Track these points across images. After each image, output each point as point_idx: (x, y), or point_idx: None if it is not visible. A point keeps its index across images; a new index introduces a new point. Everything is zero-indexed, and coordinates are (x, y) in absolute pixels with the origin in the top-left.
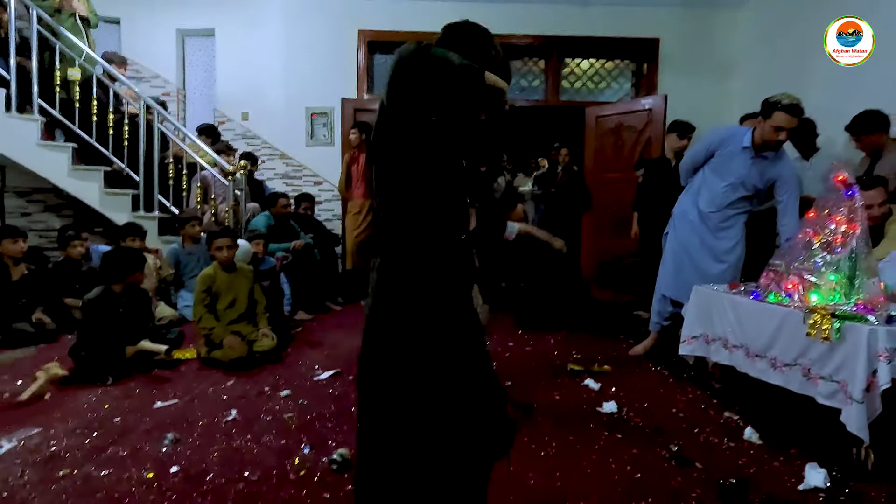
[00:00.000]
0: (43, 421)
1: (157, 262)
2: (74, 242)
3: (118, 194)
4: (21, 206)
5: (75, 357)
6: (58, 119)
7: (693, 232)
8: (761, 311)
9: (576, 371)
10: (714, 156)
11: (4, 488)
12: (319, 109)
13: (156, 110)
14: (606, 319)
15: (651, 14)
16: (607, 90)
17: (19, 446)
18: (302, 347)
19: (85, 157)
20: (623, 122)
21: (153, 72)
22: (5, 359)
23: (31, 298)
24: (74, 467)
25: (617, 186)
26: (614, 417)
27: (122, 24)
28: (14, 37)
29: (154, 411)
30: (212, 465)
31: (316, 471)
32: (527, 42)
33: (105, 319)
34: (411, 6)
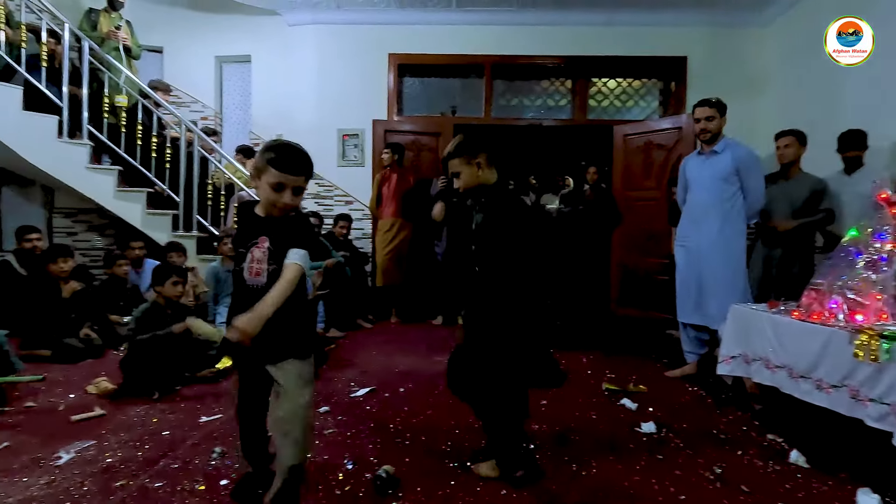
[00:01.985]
0: (97, 434)
1: (193, 280)
2: (120, 261)
3: (159, 214)
4: (68, 225)
5: (125, 370)
6: (105, 143)
7: (691, 250)
8: (804, 331)
9: (611, 390)
10: (688, 181)
11: (67, 498)
12: (350, 131)
13: (196, 134)
14: (637, 338)
15: (678, 33)
16: (635, 108)
17: (77, 458)
18: (336, 364)
19: (129, 179)
20: (652, 140)
21: (193, 97)
22: (14, 380)
23: (79, 315)
24: (130, 479)
25: (646, 204)
26: (654, 438)
27: (165, 52)
28: (67, 66)
29: (200, 425)
30: None
31: (360, 487)
32: (554, 63)
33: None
34: (439, 30)
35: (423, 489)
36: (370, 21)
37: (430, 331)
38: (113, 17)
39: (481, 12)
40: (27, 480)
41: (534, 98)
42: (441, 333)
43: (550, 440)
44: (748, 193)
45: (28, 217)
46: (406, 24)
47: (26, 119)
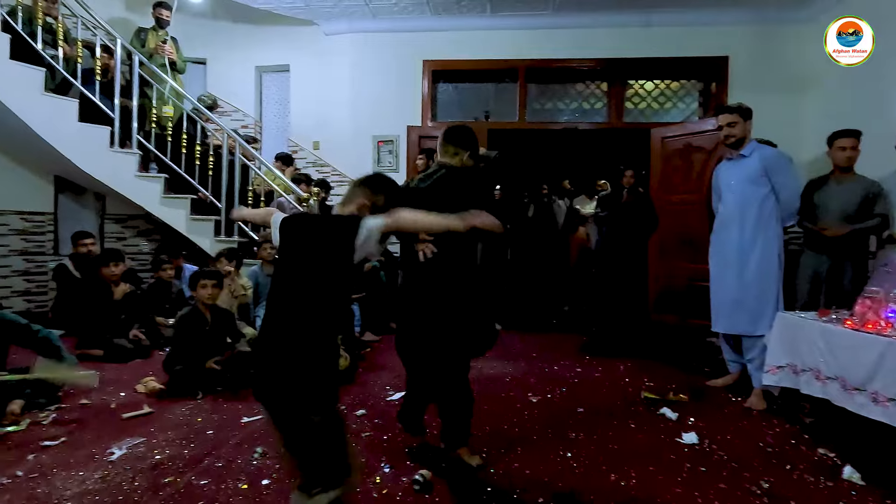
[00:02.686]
0: (145, 431)
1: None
2: (165, 266)
3: (203, 220)
4: (118, 231)
5: (169, 370)
6: (152, 152)
7: (723, 256)
8: (859, 341)
9: (650, 399)
10: (720, 187)
11: (120, 493)
12: (386, 137)
13: (238, 142)
14: (677, 346)
15: (718, 32)
16: (673, 110)
17: (128, 454)
18: (372, 368)
19: (174, 186)
20: (691, 142)
21: (234, 106)
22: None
23: (128, 316)
24: (177, 476)
25: (686, 208)
26: (696, 449)
27: (208, 64)
28: (119, 80)
29: (241, 426)
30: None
31: (398, 490)
32: (589, 66)
33: (194, 335)
34: (473, 35)
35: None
36: (404, 28)
37: None
38: (160, 34)
39: (515, 17)
40: (83, 474)
41: (568, 101)
42: None
43: (588, 448)
44: (780, 192)
45: (82, 223)
46: (440, 31)
47: (81, 130)
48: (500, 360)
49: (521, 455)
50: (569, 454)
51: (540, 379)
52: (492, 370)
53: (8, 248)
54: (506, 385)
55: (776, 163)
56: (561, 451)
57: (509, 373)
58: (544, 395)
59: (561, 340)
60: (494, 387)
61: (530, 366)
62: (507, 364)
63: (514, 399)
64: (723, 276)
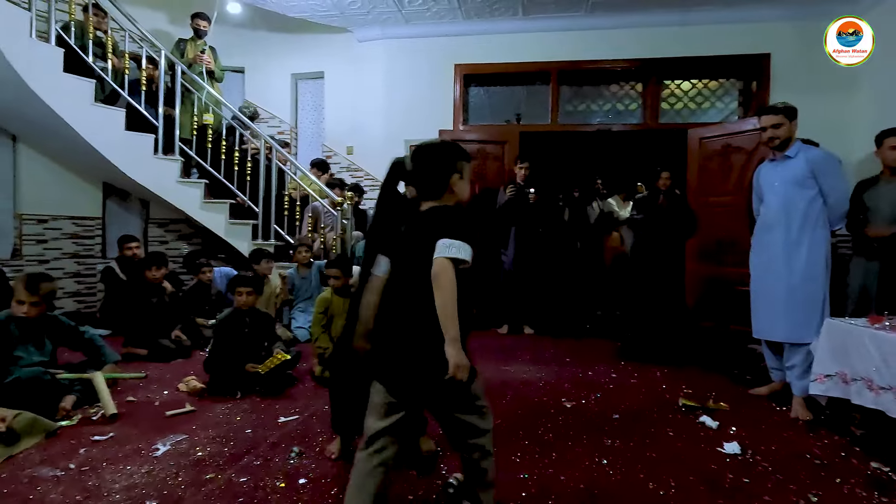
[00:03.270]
0: (187, 428)
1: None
2: (204, 269)
3: (241, 224)
4: (161, 235)
5: (209, 370)
6: (193, 158)
7: (763, 261)
8: None
9: (689, 407)
10: (761, 190)
11: (164, 487)
12: (417, 141)
13: (274, 149)
14: (716, 352)
15: (759, 29)
16: (711, 110)
17: (172, 450)
18: None
19: (214, 191)
20: (731, 143)
21: (271, 113)
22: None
23: (170, 317)
24: (218, 472)
25: (725, 210)
26: (738, 459)
27: (247, 72)
28: (162, 89)
29: (278, 425)
30: (336, 479)
31: (431, 493)
32: (624, 66)
33: (233, 337)
34: (505, 38)
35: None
36: (437, 33)
37: (495, 339)
38: (198, 44)
39: (548, 19)
40: (130, 468)
41: (602, 103)
42: (506, 342)
43: (624, 455)
44: (828, 196)
45: (128, 227)
46: (472, 35)
47: (127, 138)
48: (533, 364)
49: (556, 461)
50: (604, 461)
51: (574, 384)
52: (525, 375)
53: (60, 251)
54: (539, 390)
55: (825, 165)
56: (597, 458)
57: (542, 377)
58: (579, 401)
59: (595, 345)
60: (527, 391)
61: (564, 371)
62: (540, 369)
63: (548, 404)
64: (764, 280)
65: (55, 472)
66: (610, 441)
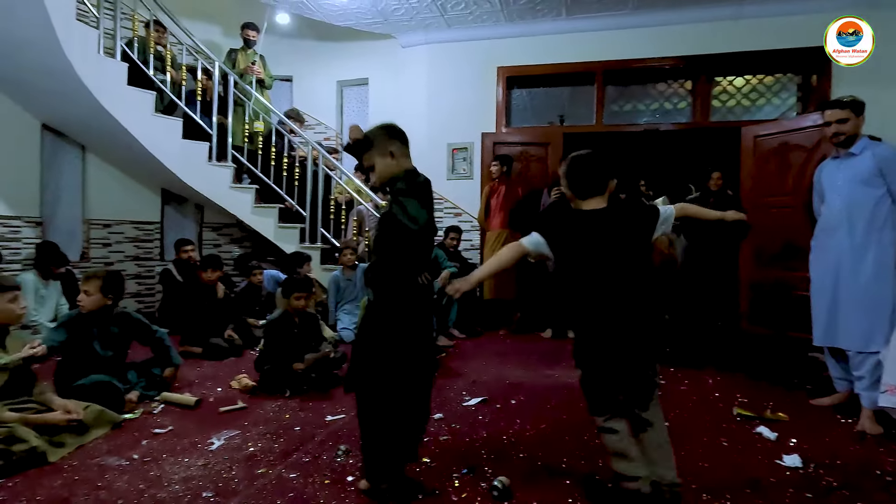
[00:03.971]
0: (239, 425)
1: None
2: (255, 271)
3: (289, 228)
4: (214, 238)
5: (260, 370)
6: (245, 165)
7: (825, 264)
8: None
9: (745, 416)
10: (823, 189)
11: (220, 480)
12: (460, 145)
13: (321, 154)
14: (773, 360)
15: (820, 20)
16: (766, 107)
17: (226, 444)
18: (447, 373)
19: (264, 196)
20: (789, 140)
21: (317, 119)
22: (175, 400)
23: (223, 318)
24: (269, 467)
25: (782, 212)
26: (800, 473)
27: (294, 80)
28: (216, 99)
29: (326, 424)
30: None
31: (476, 496)
32: (672, 64)
33: (283, 338)
34: (548, 40)
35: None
36: (479, 37)
37: (539, 343)
38: (248, 54)
39: (592, 18)
40: (188, 461)
41: (649, 102)
42: (550, 346)
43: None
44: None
45: (184, 231)
46: (514, 37)
47: (184, 146)
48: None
49: (604, 467)
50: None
51: None
52: (570, 379)
53: (123, 254)
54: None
55: (895, 163)
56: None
57: None
58: None
59: None
60: (573, 396)
61: None
62: None
63: None
64: (826, 284)
65: (120, 461)
66: None
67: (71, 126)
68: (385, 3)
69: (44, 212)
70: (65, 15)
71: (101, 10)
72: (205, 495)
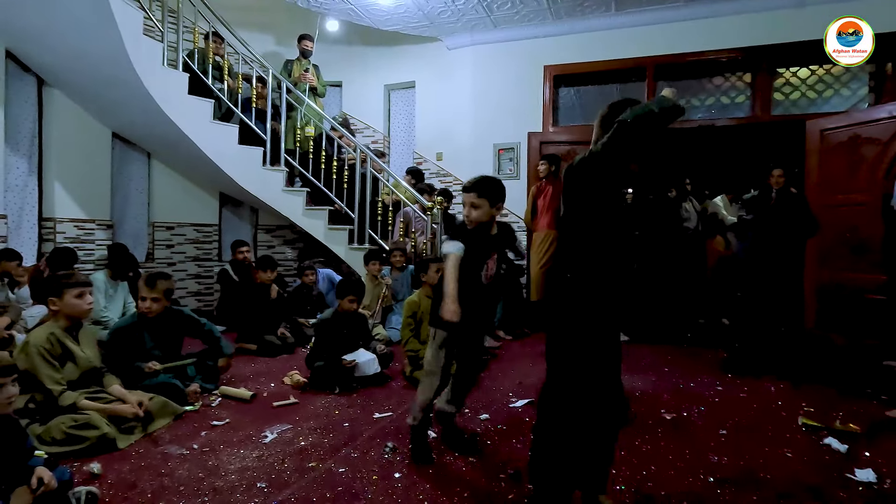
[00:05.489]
0: (291, 419)
1: (384, 291)
2: (308, 272)
3: (338, 229)
4: (268, 240)
5: (310, 366)
6: (297, 169)
7: None
8: None
9: (811, 427)
10: None
11: (273, 472)
12: (506, 145)
13: (369, 158)
14: (843, 368)
15: (894, 5)
16: (834, 98)
17: (278, 438)
18: (494, 374)
19: (314, 199)
20: (860, 133)
21: (366, 123)
22: (231, 394)
23: (277, 316)
24: (319, 461)
25: (852, 210)
26: (874, 488)
27: (344, 86)
28: (270, 106)
29: (374, 421)
30: (428, 477)
31: (523, 497)
32: (729, 56)
33: (333, 336)
34: (596, 36)
35: None
36: (525, 36)
37: None
38: (303, 63)
39: (642, 12)
40: (243, 452)
41: (704, 97)
42: None
43: (733, 472)
44: None
45: (240, 232)
46: (561, 35)
47: (240, 152)
48: (628, 373)
49: (655, 473)
50: (710, 478)
51: (674, 395)
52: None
53: (184, 255)
54: (636, 400)
55: None
56: (702, 475)
57: (639, 387)
58: (679, 413)
59: (696, 355)
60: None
61: (662, 381)
62: (636, 378)
63: (645, 415)
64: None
65: (182, 450)
66: (717, 458)
67: (138, 134)
68: (431, 6)
69: (114, 215)
70: (133, 31)
71: (165, 24)
72: (259, 486)
